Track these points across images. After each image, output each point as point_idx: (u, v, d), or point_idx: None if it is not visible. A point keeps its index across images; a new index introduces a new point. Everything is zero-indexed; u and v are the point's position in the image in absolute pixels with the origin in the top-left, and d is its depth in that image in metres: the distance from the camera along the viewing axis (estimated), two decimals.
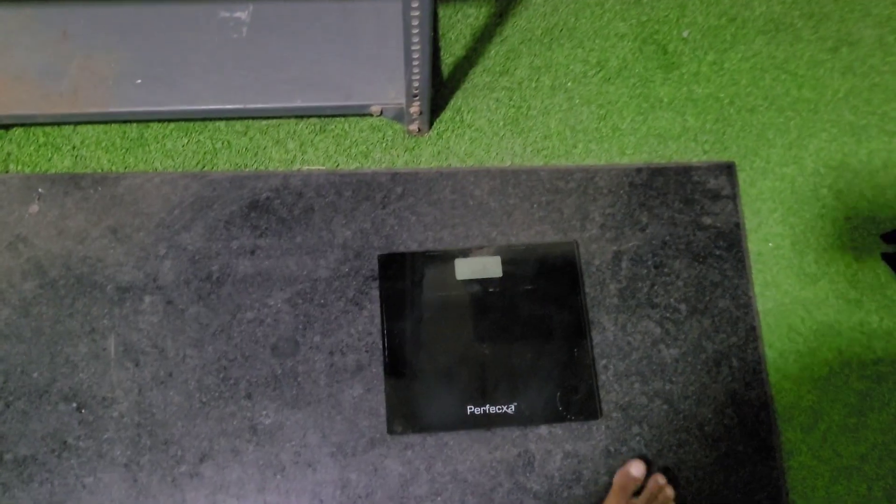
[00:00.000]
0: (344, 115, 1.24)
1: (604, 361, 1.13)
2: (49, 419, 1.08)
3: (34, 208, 1.18)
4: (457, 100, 1.27)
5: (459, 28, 1.31)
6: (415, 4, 0.93)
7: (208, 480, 1.07)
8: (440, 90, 1.27)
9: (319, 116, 1.24)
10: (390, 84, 1.17)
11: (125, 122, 1.23)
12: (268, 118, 1.24)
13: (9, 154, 1.22)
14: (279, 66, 1.17)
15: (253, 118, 1.23)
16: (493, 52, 1.30)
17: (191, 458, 1.07)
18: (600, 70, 1.30)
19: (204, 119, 1.23)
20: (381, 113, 1.18)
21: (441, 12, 1.32)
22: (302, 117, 1.24)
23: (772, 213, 1.23)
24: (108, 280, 1.14)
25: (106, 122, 1.23)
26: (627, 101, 1.28)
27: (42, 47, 1.17)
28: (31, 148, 1.22)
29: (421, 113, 1.18)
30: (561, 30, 1.32)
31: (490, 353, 1.11)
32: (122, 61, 1.17)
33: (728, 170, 1.24)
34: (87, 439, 1.08)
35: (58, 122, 1.21)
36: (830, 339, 1.17)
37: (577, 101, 1.28)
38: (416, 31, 0.98)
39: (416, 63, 1.05)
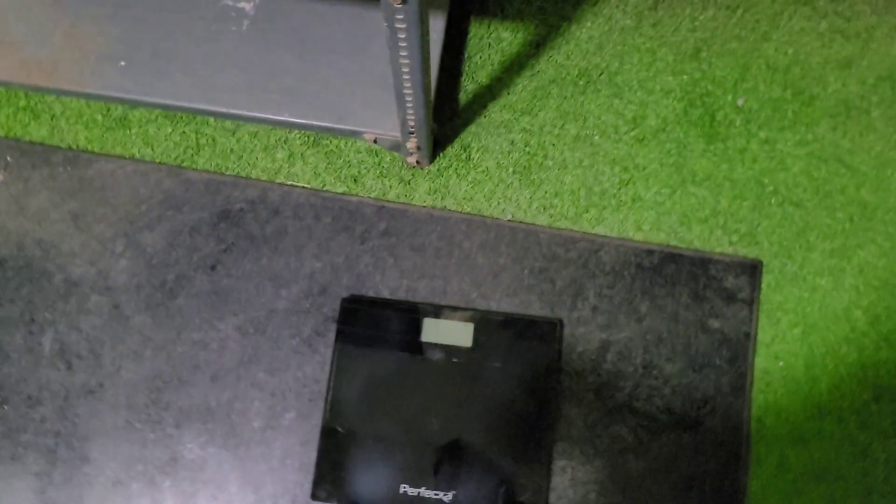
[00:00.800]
0: (335, 136, 1.14)
1: (563, 462, 1.03)
2: None
3: None
4: (468, 134, 1.15)
5: (488, 53, 1.18)
6: (403, 53, 0.81)
7: None
8: (452, 119, 1.15)
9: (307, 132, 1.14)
10: (389, 112, 1.05)
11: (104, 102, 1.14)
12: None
13: None
14: (273, 71, 1.06)
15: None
16: (519, 86, 1.17)
17: (104, 479, 1.02)
18: (635, 127, 1.15)
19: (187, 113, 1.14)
20: (376, 141, 1.07)
21: (472, 31, 1.19)
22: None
23: (791, 328, 1.08)
24: (59, 270, 1.08)
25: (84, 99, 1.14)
26: (657, 169, 1.14)
27: (28, 6, 1.08)
28: (10, 110, 1.15)
29: (419, 148, 1.06)
30: (600, 73, 1.17)
31: (439, 430, 1.01)
32: (108, 37, 1.07)
33: (752, 269, 1.10)
34: (3, 438, 1.03)
35: (34, 91, 1.13)
36: (826, 484, 1.04)
37: (601, 159, 1.14)
38: (406, 74, 0.86)
39: (409, 104, 0.93)
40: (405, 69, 0.85)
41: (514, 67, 1.17)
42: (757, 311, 1.09)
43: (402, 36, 0.79)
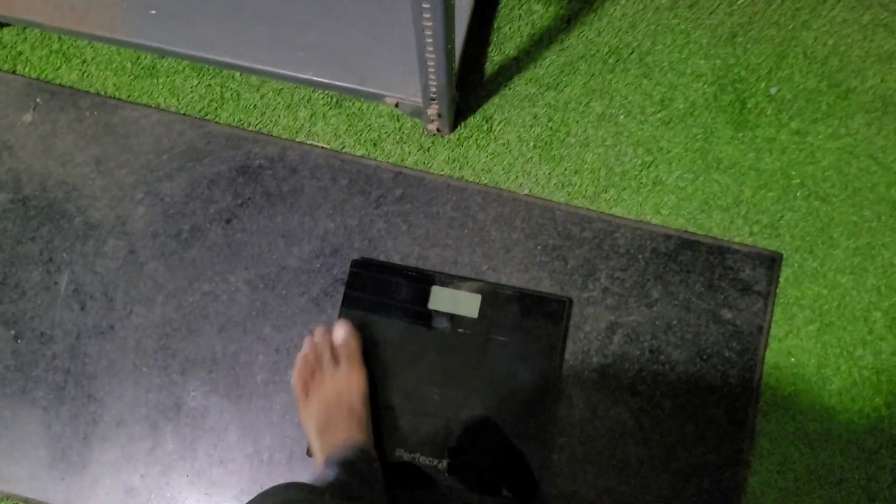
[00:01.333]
0: (357, 98, 1.14)
1: (562, 440, 1.03)
2: None
3: (28, 118, 1.13)
4: (490, 106, 1.14)
5: (518, 24, 1.16)
6: (426, 15, 0.81)
7: (119, 449, 1.04)
8: (476, 89, 1.14)
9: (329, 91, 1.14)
10: (412, 77, 1.05)
11: (133, 49, 1.15)
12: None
13: (19, 53, 1.17)
14: (299, 28, 1.06)
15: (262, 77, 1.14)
16: (547, 60, 1.15)
17: (108, 419, 1.04)
18: (662, 109, 1.13)
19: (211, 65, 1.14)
20: (397, 106, 1.07)
21: (503, 1, 1.17)
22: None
23: (806, 325, 1.06)
24: (79, 212, 1.10)
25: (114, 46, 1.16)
26: (681, 153, 1.12)
27: None
28: (43, 52, 1.17)
29: (440, 115, 1.06)
30: (631, 52, 1.15)
31: (440, 399, 1.02)
32: None
33: (771, 262, 1.07)
34: (15, 371, 1.06)
35: (65, 34, 1.15)
36: (828, 487, 1.02)
37: (625, 140, 1.12)
38: (429, 39, 0.86)
39: (431, 70, 0.93)
40: (428, 33, 0.85)
41: (543, 41, 1.16)
42: (772, 304, 1.07)
43: (427, 16, 0.79)
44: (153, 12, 1.08)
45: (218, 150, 1.12)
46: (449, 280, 1.06)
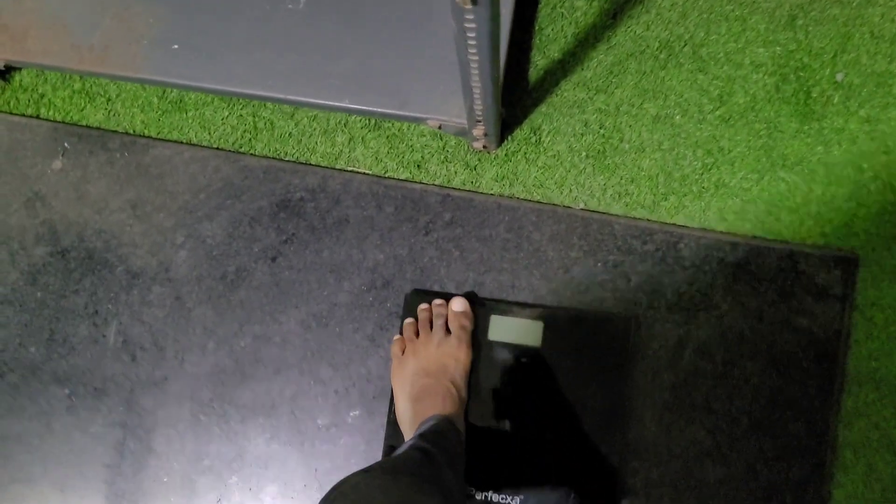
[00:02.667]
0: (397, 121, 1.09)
1: (635, 464, 1.00)
2: (39, 399, 1.06)
3: (57, 164, 1.11)
4: (538, 115, 1.09)
5: (561, 24, 1.11)
6: (472, 51, 0.76)
7: (186, 502, 1.03)
8: (521, 99, 1.09)
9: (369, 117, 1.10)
10: (454, 97, 1.00)
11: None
12: None
13: (42, 96, 1.14)
14: (332, 53, 1.02)
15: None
16: (594, 61, 1.10)
17: (171, 474, 1.04)
18: (720, 106, 1.08)
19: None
20: (441, 128, 1.03)
21: (543, 0, 1.11)
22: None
23: (887, 327, 1.02)
24: (120, 261, 1.08)
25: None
26: (745, 152, 1.07)
27: None
28: (66, 93, 1.14)
29: (486, 135, 1.02)
30: (683, 46, 1.09)
31: (507, 432, 1.00)
32: (160, 20, 1.04)
33: (847, 263, 1.03)
34: (73, 429, 1.05)
35: (86, 75, 1.11)
36: None
37: (683, 142, 1.07)
38: (474, 70, 0.81)
39: (476, 96, 0.88)
40: (473, 65, 0.80)
41: (588, 40, 1.10)
42: (850, 308, 1.02)
43: (472, 35, 0.74)
44: (176, 47, 1.04)
45: (256, 184, 1.09)
46: (508, 308, 1.03)
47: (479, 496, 0.99)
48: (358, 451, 1.03)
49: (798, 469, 1.00)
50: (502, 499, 0.99)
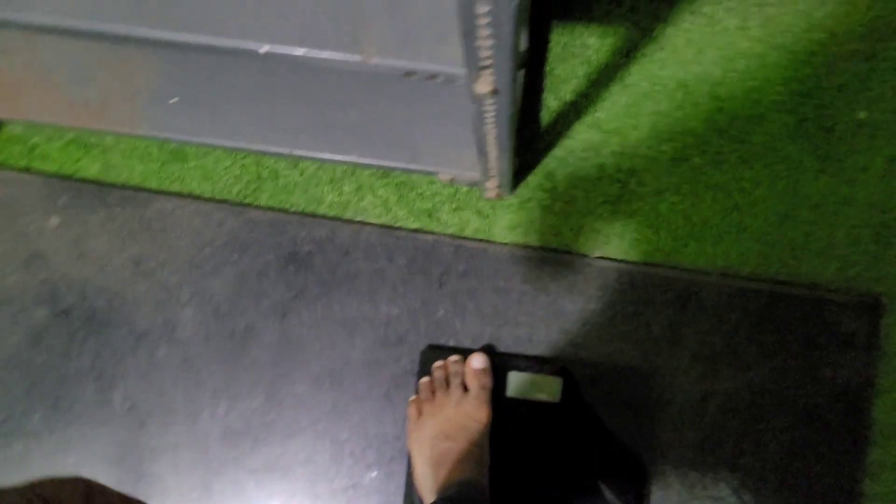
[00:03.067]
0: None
1: None
2: (46, 470, 1.03)
3: (55, 221, 1.07)
4: (551, 160, 1.06)
5: (573, 63, 1.07)
6: (490, 128, 0.73)
7: None
8: (534, 142, 1.06)
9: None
10: (466, 149, 0.97)
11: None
12: None
13: (34, 147, 1.11)
14: (337, 106, 0.98)
15: None
16: (608, 101, 1.06)
17: None
18: (740, 146, 1.05)
19: None
20: (452, 181, 1.00)
21: (554, 38, 1.08)
22: None
23: None
24: (125, 321, 1.05)
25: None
26: (766, 194, 1.04)
27: (72, 44, 1.01)
28: (60, 143, 1.10)
29: (500, 186, 0.98)
30: (700, 84, 1.06)
31: (528, 491, 0.97)
32: (158, 73, 1.00)
33: (872, 310, 1.01)
34: None
35: (83, 131, 1.08)
36: None
37: (701, 184, 1.04)
38: (491, 141, 0.78)
39: (491, 156, 0.85)
40: (490, 139, 0.77)
41: (601, 80, 1.07)
42: (876, 357, 1.00)
43: (490, 117, 0.71)
44: (175, 100, 1.00)
45: (262, 238, 1.05)
46: (526, 364, 1.00)
47: None
48: None
49: None
50: None
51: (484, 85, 0.63)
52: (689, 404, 1.00)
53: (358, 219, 1.07)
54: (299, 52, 0.65)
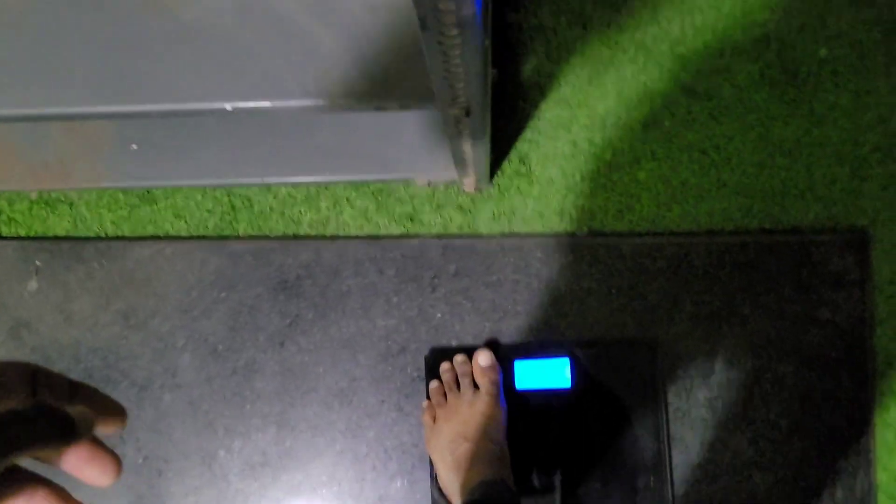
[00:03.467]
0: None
1: (684, 487, 1.01)
2: None
3: (33, 285, 1.05)
4: (524, 143, 1.05)
5: (533, 44, 1.05)
6: (465, 141, 0.72)
7: None
8: (503, 128, 1.05)
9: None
10: (440, 150, 0.96)
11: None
12: None
13: None
14: (304, 130, 0.97)
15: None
16: (571, 76, 1.05)
17: None
18: (709, 101, 1.04)
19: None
20: (430, 184, 0.99)
21: (510, 18, 1.06)
22: None
23: None
24: (123, 376, 1.04)
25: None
26: (740, 147, 1.04)
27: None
28: (24, 205, 1.07)
29: (478, 181, 0.98)
30: (660, 44, 1.05)
31: (547, 478, 0.99)
32: (118, 126, 0.98)
33: (859, 244, 1.02)
34: None
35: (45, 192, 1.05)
36: None
37: (676, 145, 1.04)
38: (467, 152, 0.77)
39: (467, 161, 0.85)
40: (466, 146, 0.76)
41: (562, 55, 1.06)
42: (870, 290, 1.02)
43: (465, 132, 0.70)
44: (134, 147, 0.98)
45: (248, 270, 1.04)
46: (530, 351, 1.01)
47: None
48: None
49: (844, 461, 1.01)
50: None
51: (457, 110, 0.62)
52: (695, 367, 1.02)
53: (340, 233, 1.06)
54: (266, 104, 0.63)
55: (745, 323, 1.02)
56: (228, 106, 0.63)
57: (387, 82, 0.63)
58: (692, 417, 1.01)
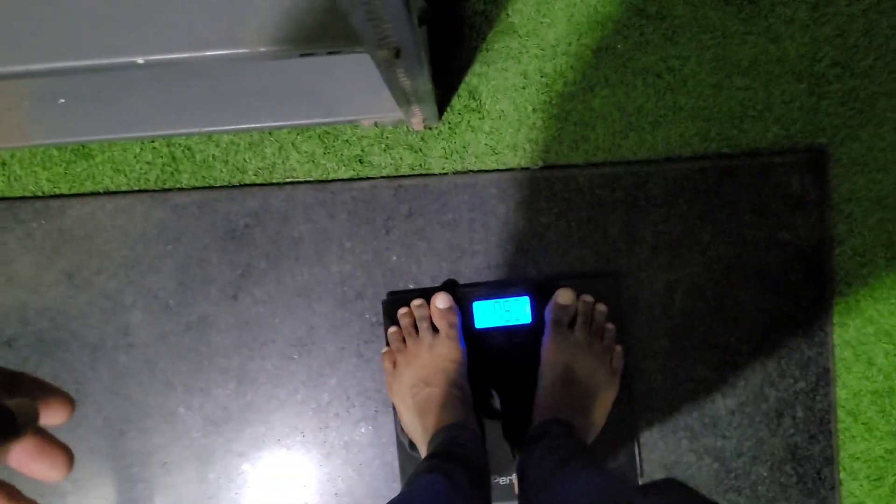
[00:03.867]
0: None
1: (648, 416, 1.01)
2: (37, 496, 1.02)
3: None
4: (473, 76, 1.01)
5: None
6: (403, 79, 0.69)
7: None
8: (450, 62, 1.01)
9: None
10: (383, 93, 0.92)
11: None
12: None
13: None
14: (240, 75, 0.92)
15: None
16: (518, 4, 1.01)
17: None
18: (662, 22, 1.01)
19: None
20: (376, 124, 0.95)
21: None
22: None
23: (866, 218, 1.02)
24: (74, 337, 1.02)
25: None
26: (695, 69, 1.01)
27: None
28: None
29: (426, 118, 0.94)
30: None
31: (514, 417, 0.99)
32: (40, 82, 0.92)
33: (817, 164, 1.01)
34: None
35: None
36: None
37: (630, 70, 1.01)
38: (405, 88, 0.74)
39: (410, 98, 0.81)
40: (405, 86, 0.73)
41: None
42: (828, 209, 1.01)
43: (401, 73, 0.66)
44: (62, 101, 0.93)
45: (193, 222, 1.01)
46: (489, 291, 0.99)
47: (503, 481, 1.00)
48: (373, 467, 1.02)
49: (804, 381, 1.01)
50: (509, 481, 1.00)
51: (385, 52, 0.59)
52: (656, 297, 1.01)
53: (288, 180, 1.02)
54: (182, 55, 0.59)
55: (706, 250, 1.01)
56: (140, 59, 0.59)
57: (312, 27, 0.59)
58: (655, 348, 1.01)
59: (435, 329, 0.96)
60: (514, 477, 0.99)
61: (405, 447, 0.99)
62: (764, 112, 1.01)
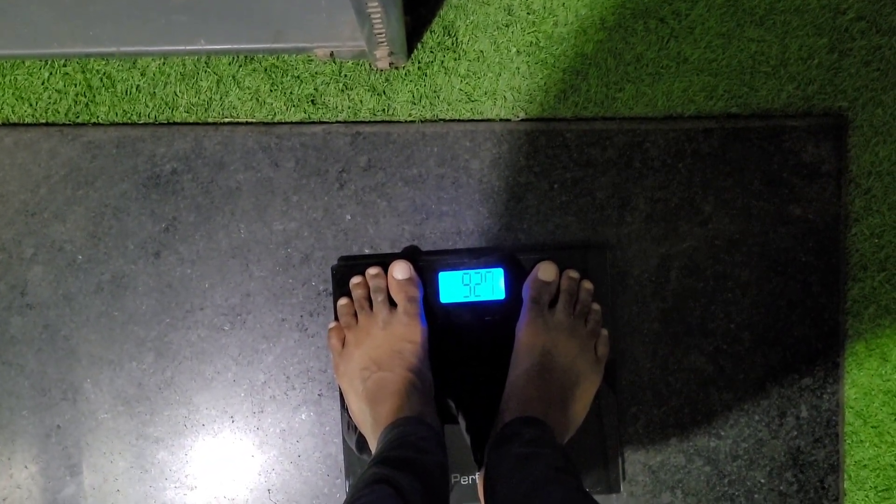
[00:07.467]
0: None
1: (634, 409, 0.91)
2: None
3: None
4: (449, 9, 0.89)
5: None
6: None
7: None
8: None
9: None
10: (343, 14, 0.79)
11: None
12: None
13: None
14: None
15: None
16: None
17: None
18: None
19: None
20: (332, 56, 0.82)
21: None
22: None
23: (887, 195, 0.92)
24: None
25: None
26: (704, 14, 0.90)
27: None
28: None
29: (392, 53, 0.82)
30: None
31: (481, 406, 0.86)
32: None
33: (836, 130, 0.90)
34: None
35: None
36: None
37: (630, 11, 0.90)
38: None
39: (375, 17, 0.69)
40: (372, 9, 0.60)
41: None
42: (846, 182, 0.91)
43: None
44: None
45: (110, 163, 0.87)
46: (458, 260, 0.87)
47: (466, 480, 0.88)
48: (313, 460, 0.89)
49: (810, 377, 0.91)
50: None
51: None
52: (648, 273, 0.90)
53: (226, 120, 0.89)
54: None
55: (707, 222, 0.90)
56: None
57: None
58: (644, 332, 0.90)
59: (392, 303, 0.84)
60: (477, 476, 0.87)
61: (352, 449, 0.86)
62: (778, 68, 0.91)
